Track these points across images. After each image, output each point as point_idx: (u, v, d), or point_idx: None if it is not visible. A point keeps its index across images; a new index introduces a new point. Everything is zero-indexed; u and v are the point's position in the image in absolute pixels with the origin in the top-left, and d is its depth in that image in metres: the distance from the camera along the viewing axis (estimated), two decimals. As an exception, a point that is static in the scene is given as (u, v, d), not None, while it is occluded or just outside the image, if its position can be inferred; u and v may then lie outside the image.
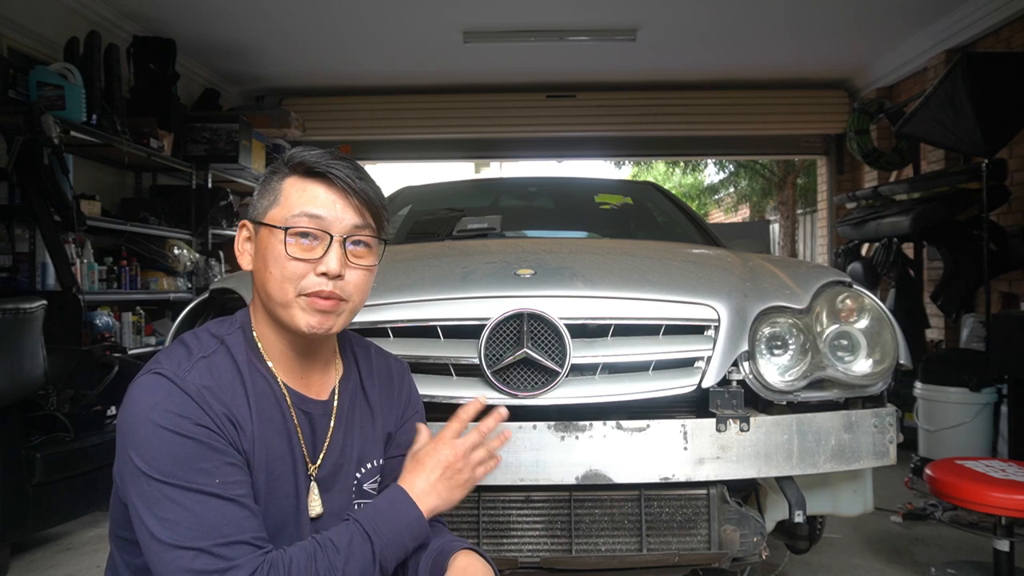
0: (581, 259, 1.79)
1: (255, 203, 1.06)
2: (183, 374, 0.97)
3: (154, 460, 0.92)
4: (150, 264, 4.58)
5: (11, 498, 2.55)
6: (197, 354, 1.01)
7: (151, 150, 4.37)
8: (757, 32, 5.31)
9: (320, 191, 1.02)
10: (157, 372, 0.97)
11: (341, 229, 1.01)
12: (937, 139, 4.22)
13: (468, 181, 4.09)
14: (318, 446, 1.08)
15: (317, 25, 5.10)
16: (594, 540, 1.53)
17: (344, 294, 1.02)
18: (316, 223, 1.00)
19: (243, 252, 1.08)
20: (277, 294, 1.01)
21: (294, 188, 1.02)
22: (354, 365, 1.18)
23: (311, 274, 1.00)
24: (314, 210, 1.00)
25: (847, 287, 1.73)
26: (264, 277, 1.02)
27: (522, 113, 6.81)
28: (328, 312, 1.01)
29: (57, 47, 4.07)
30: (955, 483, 2.13)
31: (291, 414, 1.05)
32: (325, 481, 1.08)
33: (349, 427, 1.12)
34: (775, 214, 11.83)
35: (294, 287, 1.00)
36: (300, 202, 1.01)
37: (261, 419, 1.01)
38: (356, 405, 1.15)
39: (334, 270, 1.00)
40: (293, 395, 1.06)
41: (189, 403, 0.95)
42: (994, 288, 4.20)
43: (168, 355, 1.01)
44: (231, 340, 1.05)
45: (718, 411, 1.54)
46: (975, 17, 4.69)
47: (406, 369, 1.26)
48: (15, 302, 2.53)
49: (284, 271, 1.00)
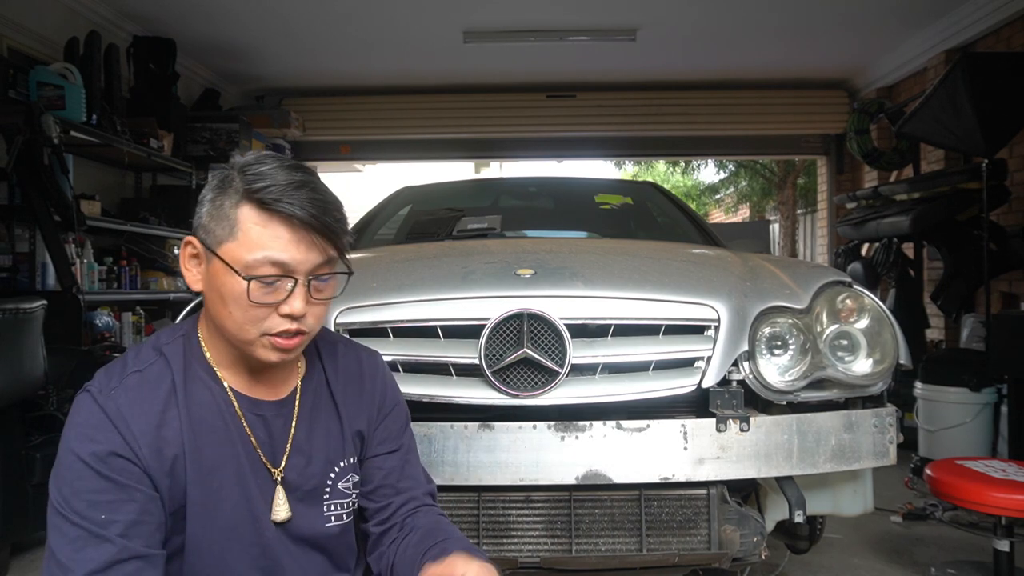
0: (581, 259, 1.79)
1: (203, 222, 0.98)
2: (108, 391, 0.96)
3: (58, 483, 0.93)
4: (150, 264, 4.58)
5: (11, 498, 2.55)
6: (131, 368, 0.99)
7: (151, 150, 4.37)
8: (757, 32, 5.30)
9: (282, 231, 0.94)
10: (86, 389, 0.97)
11: (305, 270, 0.96)
12: (937, 139, 4.22)
13: (468, 181, 4.09)
14: (277, 449, 1.05)
15: (317, 25, 5.10)
16: (594, 540, 1.53)
17: (307, 328, 0.99)
18: (280, 269, 0.94)
19: (189, 270, 1.01)
20: (237, 333, 0.97)
21: (252, 223, 0.94)
22: (318, 362, 1.13)
23: (274, 314, 0.96)
24: (277, 255, 0.93)
25: (847, 287, 1.73)
26: (220, 312, 0.98)
27: (522, 113, 6.81)
28: (291, 349, 0.99)
29: (57, 47, 4.07)
30: (955, 483, 2.13)
31: (239, 420, 1.02)
32: (292, 483, 1.05)
33: (312, 427, 1.09)
34: (775, 214, 11.84)
35: (257, 328, 0.96)
36: (261, 243, 0.93)
37: (196, 431, 0.98)
38: (320, 404, 1.11)
39: (299, 311, 0.96)
40: (242, 400, 1.03)
41: (103, 425, 0.94)
42: (994, 288, 4.19)
43: (107, 370, 1.01)
44: (169, 350, 1.02)
45: (718, 411, 1.54)
46: (975, 17, 4.68)
47: (379, 362, 1.20)
48: (15, 302, 2.53)
49: (246, 314, 0.95)
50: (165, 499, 0.97)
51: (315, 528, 1.08)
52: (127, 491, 0.93)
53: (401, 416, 1.20)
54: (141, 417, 0.96)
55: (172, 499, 0.98)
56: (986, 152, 3.69)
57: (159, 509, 0.96)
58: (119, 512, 0.92)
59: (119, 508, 0.92)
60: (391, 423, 1.17)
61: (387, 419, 1.17)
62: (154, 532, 0.95)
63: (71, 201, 3.45)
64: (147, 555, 0.93)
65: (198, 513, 0.98)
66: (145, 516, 0.94)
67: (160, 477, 0.96)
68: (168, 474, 0.96)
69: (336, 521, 1.11)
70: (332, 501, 1.10)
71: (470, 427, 1.49)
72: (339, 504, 1.11)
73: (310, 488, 1.08)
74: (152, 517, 0.95)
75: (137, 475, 0.94)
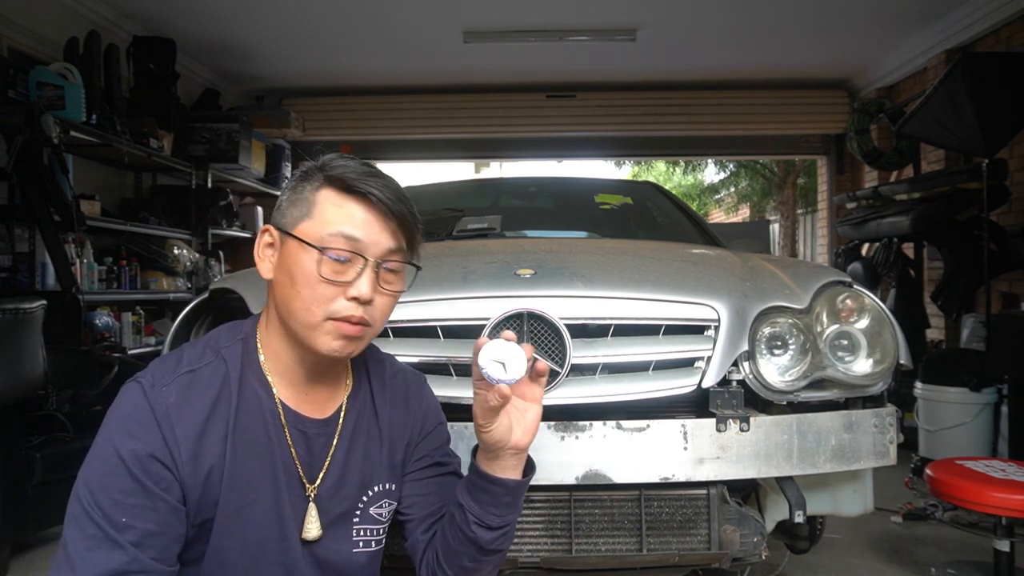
0: (581, 259, 1.79)
1: (283, 209, 1.00)
2: (159, 388, 0.95)
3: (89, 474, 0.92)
4: (150, 264, 4.58)
5: (11, 498, 2.55)
6: (184, 367, 0.98)
7: (151, 150, 4.37)
8: (757, 32, 5.30)
9: (358, 211, 0.97)
10: (138, 380, 0.97)
11: (376, 253, 0.97)
12: (937, 139, 4.22)
13: (468, 181, 4.08)
14: (316, 466, 1.03)
15: (317, 25, 5.10)
16: (594, 540, 1.53)
17: (371, 319, 0.98)
18: (352, 245, 0.95)
19: (263, 259, 1.02)
20: (303, 315, 0.96)
21: (329, 203, 0.97)
22: (366, 381, 1.12)
23: (341, 297, 0.95)
24: (351, 231, 0.95)
25: (847, 287, 1.73)
26: (288, 294, 0.97)
27: (522, 113, 6.81)
28: (353, 338, 0.98)
29: (57, 47, 4.07)
30: (955, 483, 2.13)
31: (283, 433, 1.01)
32: (324, 503, 1.04)
33: (352, 448, 1.07)
34: (775, 214, 11.84)
35: (322, 310, 0.95)
36: (337, 220, 0.96)
37: (239, 442, 0.97)
38: (363, 425, 1.09)
39: (366, 295, 0.95)
40: (288, 413, 1.02)
41: (148, 422, 0.93)
42: (994, 288, 4.19)
43: (161, 362, 1.00)
44: (228, 353, 1.01)
45: (718, 411, 1.54)
46: (975, 17, 4.68)
47: (423, 383, 1.21)
48: (15, 302, 2.53)
49: (314, 293, 0.95)
50: (192, 511, 0.95)
51: (342, 553, 1.06)
52: (153, 499, 0.92)
53: (442, 436, 1.20)
54: (187, 422, 0.94)
55: (200, 511, 0.96)
56: (986, 152, 3.69)
57: (181, 523, 0.94)
58: (140, 519, 0.91)
59: (141, 515, 0.91)
60: (434, 439, 1.17)
61: (429, 436, 1.17)
62: (170, 544, 0.94)
63: (71, 201, 3.45)
64: (156, 571, 0.92)
65: (226, 526, 0.97)
66: (165, 528, 0.93)
67: (192, 487, 0.95)
68: (201, 484, 0.95)
69: (364, 548, 1.08)
70: (362, 526, 1.08)
71: (470, 427, 1.48)
72: (369, 530, 1.09)
73: (341, 511, 1.06)
74: (172, 530, 0.93)
75: (168, 482, 0.93)
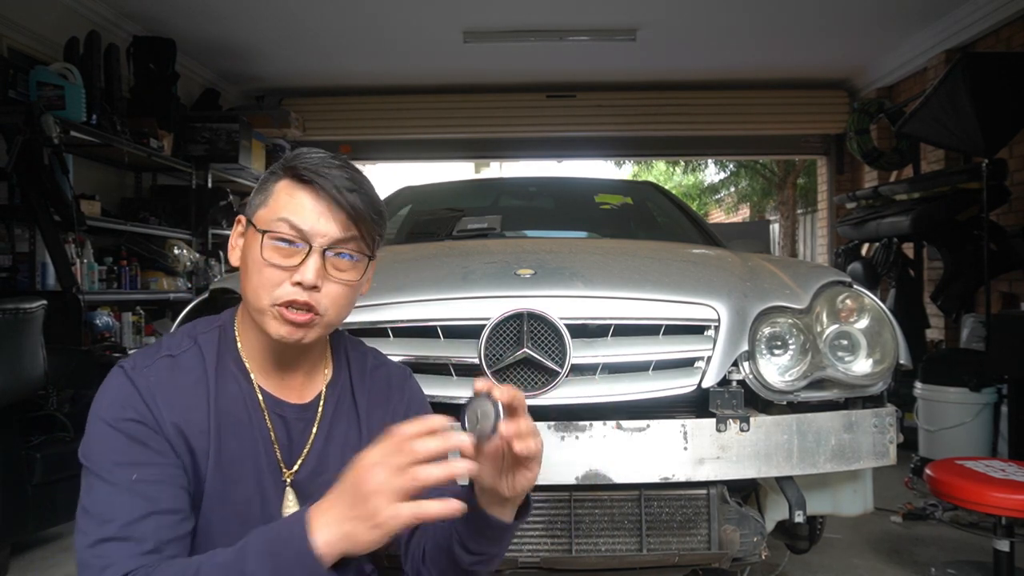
0: (581, 259, 1.79)
1: (251, 199, 1.04)
2: (140, 369, 0.98)
3: (88, 449, 0.94)
4: (150, 264, 4.58)
5: (11, 498, 2.56)
6: (164, 352, 1.01)
7: (151, 150, 4.37)
8: (757, 32, 5.30)
9: (307, 200, 0.97)
10: (119, 365, 0.99)
11: (323, 242, 0.97)
12: (937, 139, 4.22)
13: (468, 181, 4.09)
14: (295, 451, 1.05)
15: (317, 25, 5.10)
16: (594, 540, 1.53)
17: (319, 308, 0.97)
18: (296, 232, 0.96)
19: (234, 247, 1.05)
20: (253, 299, 0.99)
21: (284, 192, 0.99)
22: (346, 370, 1.12)
23: (286, 283, 0.96)
24: (295, 219, 0.96)
25: (847, 287, 1.73)
26: (244, 279, 1.00)
27: (522, 113, 6.81)
28: (300, 324, 0.97)
29: (57, 47, 4.07)
30: (955, 483, 2.13)
31: (263, 417, 1.02)
32: (303, 487, 1.04)
33: (331, 435, 1.07)
34: (775, 214, 11.84)
35: (268, 295, 0.96)
36: (285, 208, 0.97)
37: (222, 423, 0.99)
38: (342, 413, 1.09)
39: (309, 280, 0.95)
40: (267, 397, 1.04)
41: (133, 397, 0.95)
42: (994, 288, 4.19)
43: (142, 351, 1.03)
44: (204, 340, 1.03)
45: (718, 411, 1.54)
46: (975, 17, 4.68)
47: (408, 377, 1.19)
48: (15, 302, 2.53)
49: (261, 277, 0.97)
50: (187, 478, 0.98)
51: None
52: (150, 453, 0.94)
53: None
54: (171, 398, 0.97)
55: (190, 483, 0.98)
56: (986, 152, 3.69)
57: (184, 477, 0.96)
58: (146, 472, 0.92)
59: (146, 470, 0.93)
60: None
61: None
62: (180, 493, 0.96)
63: (71, 201, 3.46)
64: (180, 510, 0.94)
65: (213, 504, 0.99)
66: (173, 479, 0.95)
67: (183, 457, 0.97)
68: (189, 456, 0.97)
69: None
70: None
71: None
72: None
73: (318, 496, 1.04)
74: (180, 480, 0.96)
75: (162, 443, 0.95)
